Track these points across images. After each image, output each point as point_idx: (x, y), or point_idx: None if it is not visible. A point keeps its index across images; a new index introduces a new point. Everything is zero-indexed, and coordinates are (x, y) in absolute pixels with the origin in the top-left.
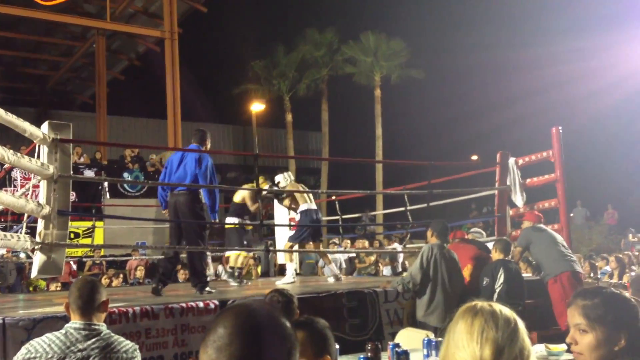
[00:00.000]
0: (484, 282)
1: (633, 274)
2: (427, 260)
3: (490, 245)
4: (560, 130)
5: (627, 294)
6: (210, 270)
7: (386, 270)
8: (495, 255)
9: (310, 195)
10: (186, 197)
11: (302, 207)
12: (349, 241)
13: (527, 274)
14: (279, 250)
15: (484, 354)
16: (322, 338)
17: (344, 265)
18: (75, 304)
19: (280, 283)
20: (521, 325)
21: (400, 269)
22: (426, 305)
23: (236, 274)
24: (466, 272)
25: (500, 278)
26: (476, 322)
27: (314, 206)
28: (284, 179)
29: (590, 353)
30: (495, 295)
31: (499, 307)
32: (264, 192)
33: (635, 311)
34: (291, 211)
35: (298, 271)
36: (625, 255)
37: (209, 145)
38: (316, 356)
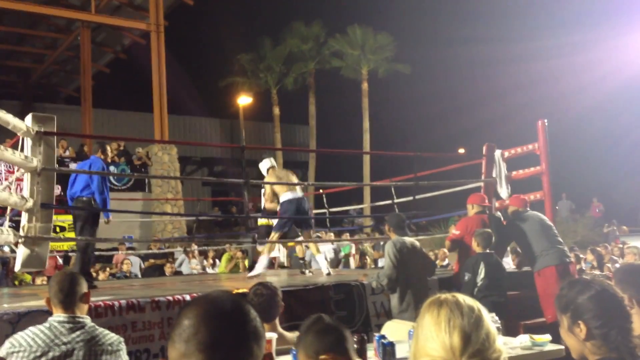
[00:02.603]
0: (466, 278)
1: (617, 265)
2: (394, 256)
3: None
4: (546, 123)
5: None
6: (201, 263)
7: (381, 262)
8: (477, 249)
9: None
10: (86, 201)
11: (286, 196)
12: (332, 234)
13: (513, 267)
14: (266, 242)
15: (453, 341)
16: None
17: (329, 258)
18: (56, 298)
19: (249, 274)
20: (484, 312)
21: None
22: (398, 303)
23: (301, 262)
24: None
25: (481, 273)
26: (442, 312)
27: (299, 194)
28: (265, 164)
29: (567, 342)
30: (476, 290)
31: (462, 297)
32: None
33: (606, 301)
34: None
35: (286, 264)
36: (602, 247)
37: (109, 154)
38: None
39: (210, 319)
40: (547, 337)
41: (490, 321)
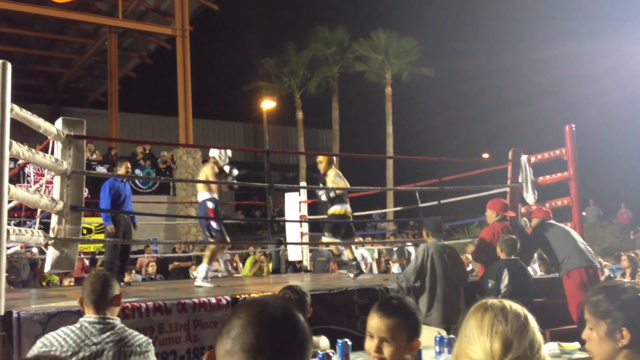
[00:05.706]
0: (489, 285)
1: None
2: (422, 261)
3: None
4: (574, 128)
5: None
6: (222, 266)
7: (395, 268)
8: (501, 255)
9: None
10: None
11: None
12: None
13: (540, 273)
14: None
15: (494, 346)
16: (414, 322)
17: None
18: (88, 299)
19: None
20: (531, 320)
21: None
22: (426, 307)
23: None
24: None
25: (505, 280)
26: (486, 317)
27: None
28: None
29: (597, 349)
30: (500, 297)
31: (509, 303)
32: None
33: None
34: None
35: (309, 268)
36: (634, 253)
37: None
38: (409, 340)
39: (259, 322)
40: (576, 344)
41: (538, 330)
